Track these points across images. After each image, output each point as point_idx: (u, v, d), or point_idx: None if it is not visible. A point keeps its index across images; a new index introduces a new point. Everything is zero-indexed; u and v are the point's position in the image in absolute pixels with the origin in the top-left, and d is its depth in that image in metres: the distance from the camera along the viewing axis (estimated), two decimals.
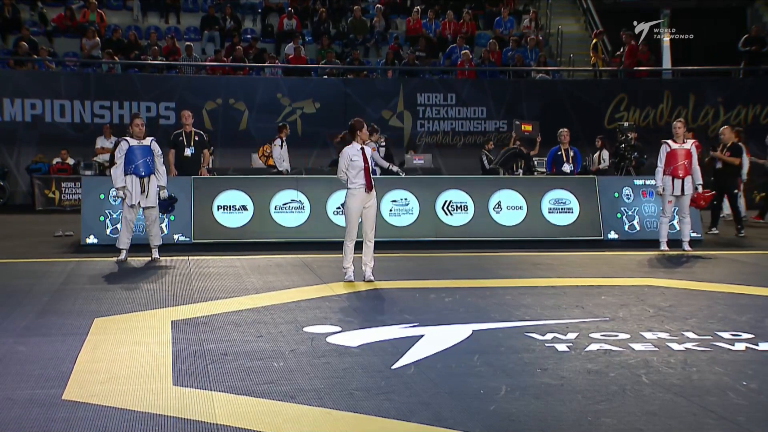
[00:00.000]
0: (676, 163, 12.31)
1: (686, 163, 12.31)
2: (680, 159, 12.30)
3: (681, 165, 12.30)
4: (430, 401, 5.37)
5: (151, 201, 11.34)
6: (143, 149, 11.25)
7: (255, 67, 21.43)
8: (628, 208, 13.90)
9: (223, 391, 5.57)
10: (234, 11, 23.03)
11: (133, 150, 11.19)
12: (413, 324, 7.49)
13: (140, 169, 11.19)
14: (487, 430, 4.84)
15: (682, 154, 12.32)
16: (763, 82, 21.86)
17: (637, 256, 12.19)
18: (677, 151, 12.34)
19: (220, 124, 19.76)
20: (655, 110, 20.82)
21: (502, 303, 8.67)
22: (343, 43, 22.49)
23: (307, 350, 6.64)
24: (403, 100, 20.62)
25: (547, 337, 7.05)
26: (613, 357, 6.45)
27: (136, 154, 11.19)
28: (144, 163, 11.21)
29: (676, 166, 12.31)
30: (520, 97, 20.81)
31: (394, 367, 6.13)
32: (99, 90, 19.82)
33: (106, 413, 5.12)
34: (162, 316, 7.94)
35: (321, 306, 8.40)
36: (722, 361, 6.36)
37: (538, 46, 22.34)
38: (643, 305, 8.45)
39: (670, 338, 7.00)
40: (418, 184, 14.20)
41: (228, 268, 10.92)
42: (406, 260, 11.96)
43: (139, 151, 11.22)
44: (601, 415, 5.13)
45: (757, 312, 8.19)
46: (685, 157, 12.31)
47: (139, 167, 11.18)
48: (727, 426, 4.96)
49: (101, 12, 22.30)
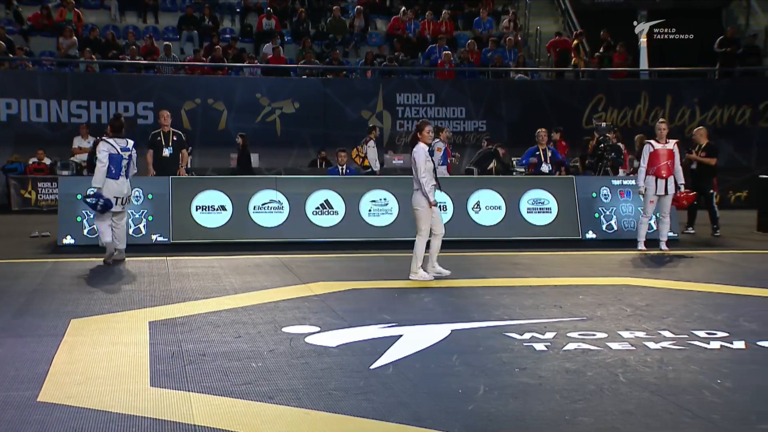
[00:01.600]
0: (659, 163, 12.34)
1: (669, 163, 12.35)
2: (663, 159, 12.34)
3: (664, 165, 12.33)
4: (409, 401, 5.38)
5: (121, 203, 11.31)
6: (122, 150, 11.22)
7: (234, 67, 21.37)
8: (605, 208, 13.97)
9: (200, 391, 5.55)
10: (212, 11, 22.95)
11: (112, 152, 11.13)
12: (392, 324, 7.49)
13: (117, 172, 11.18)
14: (466, 429, 4.85)
15: (665, 154, 12.36)
16: (738, 83, 22.05)
17: (615, 256, 12.26)
18: (660, 152, 12.37)
19: (198, 124, 19.68)
20: (632, 110, 20.94)
21: (480, 303, 8.69)
22: (323, 43, 22.47)
23: (285, 350, 6.63)
24: (383, 100, 20.63)
25: (525, 337, 7.08)
26: (590, 356, 6.48)
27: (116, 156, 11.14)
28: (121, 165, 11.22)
29: (659, 166, 12.33)
30: (499, 97, 20.88)
31: (373, 367, 6.14)
32: (76, 89, 19.68)
33: (83, 414, 5.09)
34: (140, 317, 7.90)
35: (300, 306, 8.39)
36: (698, 359, 6.41)
37: (516, 46, 22.42)
38: (620, 304, 8.50)
39: (647, 337, 7.04)
40: (397, 184, 14.19)
41: (206, 268, 10.87)
42: (385, 260, 11.96)
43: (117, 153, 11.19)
44: (579, 414, 5.16)
45: (732, 311, 8.25)
46: (668, 157, 12.35)
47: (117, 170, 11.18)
48: (703, 424, 5.00)
49: (78, 11, 22.14)
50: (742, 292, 9.36)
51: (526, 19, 23.93)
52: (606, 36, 22.19)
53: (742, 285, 9.80)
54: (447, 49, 21.70)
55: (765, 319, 7.90)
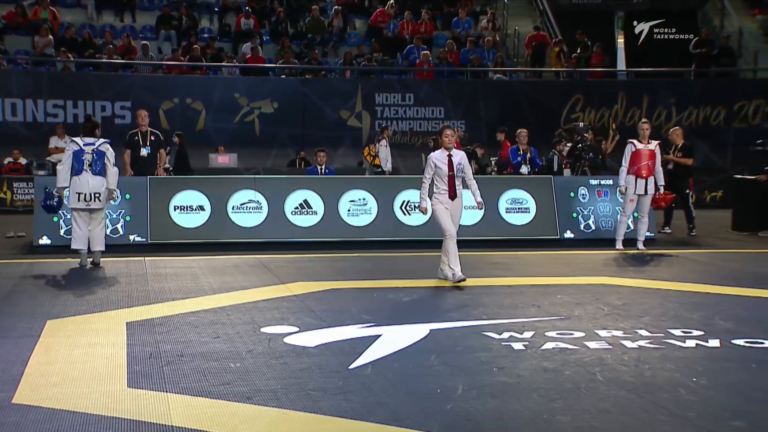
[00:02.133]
0: (640, 163, 12.39)
1: (650, 163, 12.40)
2: (644, 159, 12.39)
3: (645, 165, 12.38)
4: (388, 401, 5.38)
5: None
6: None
7: (212, 67, 21.29)
8: (583, 207, 14.04)
9: (178, 392, 5.53)
10: (190, 10, 22.84)
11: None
12: (371, 324, 7.49)
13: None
14: (445, 429, 4.86)
15: (647, 155, 12.41)
16: (714, 83, 22.24)
17: (593, 256, 12.32)
18: (642, 151, 12.43)
19: (177, 124, 19.57)
20: (610, 111, 21.05)
21: (459, 302, 8.71)
22: (302, 43, 22.43)
23: (264, 351, 6.61)
24: (362, 100, 20.63)
25: (503, 336, 7.10)
26: (568, 355, 6.51)
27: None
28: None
29: (640, 166, 12.38)
30: (478, 97, 20.93)
31: (352, 367, 6.13)
32: (52, 89, 19.53)
33: (59, 416, 5.05)
34: (117, 318, 7.85)
35: (279, 306, 8.37)
36: (674, 358, 6.45)
37: (495, 46, 22.48)
38: (598, 304, 8.54)
39: (624, 336, 7.08)
40: (376, 183, 14.22)
41: (185, 268, 10.83)
42: (364, 260, 11.96)
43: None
44: (557, 412, 5.18)
45: (707, 309, 8.32)
46: (649, 157, 12.41)
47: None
48: (679, 422, 5.04)
49: (54, 9, 21.94)
50: (718, 291, 9.44)
51: (504, 19, 24.00)
52: (583, 37, 22.30)
53: (718, 284, 9.88)
54: (425, 48, 21.73)
55: (739, 317, 7.97)
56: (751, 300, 9.00)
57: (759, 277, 10.63)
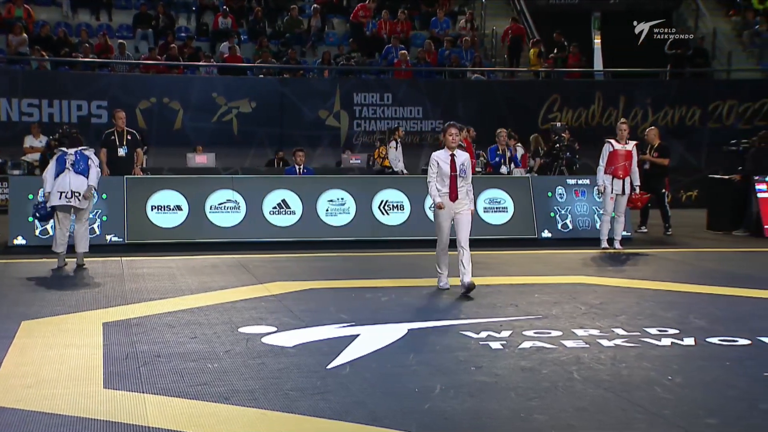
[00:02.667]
0: (617, 164, 12.35)
1: (627, 164, 12.37)
2: (621, 160, 12.36)
3: (622, 166, 12.35)
4: (366, 400, 5.38)
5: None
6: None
7: (190, 66, 21.17)
8: (561, 207, 14.09)
9: (155, 393, 5.50)
10: (168, 9, 22.70)
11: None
12: (349, 324, 7.49)
13: None
14: (423, 428, 4.87)
15: (624, 155, 12.38)
16: (689, 84, 22.40)
17: (570, 255, 12.37)
18: (619, 152, 12.38)
19: (154, 124, 19.46)
20: (587, 111, 21.16)
21: (437, 302, 8.73)
22: (280, 42, 22.37)
23: (242, 351, 6.59)
24: (340, 100, 20.60)
25: (481, 336, 7.11)
26: (545, 354, 6.53)
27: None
28: None
29: (617, 166, 12.35)
30: (456, 97, 20.96)
31: (330, 367, 6.12)
32: (27, 88, 19.34)
33: (33, 418, 5.01)
34: (93, 318, 7.80)
35: (257, 306, 8.34)
36: (650, 356, 6.50)
37: (473, 46, 22.53)
38: (575, 303, 8.58)
39: (601, 335, 7.12)
40: (354, 183, 14.19)
41: (162, 268, 10.77)
42: (342, 260, 11.95)
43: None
44: (534, 411, 5.20)
45: (682, 308, 8.39)
46: (626, 158, 12.37)
47: None
48: (654, 420, 5.07)
49: (28, 8, 21.71)
50: (693, 290, 9.52)
51: (482, 19, 24.05)
52: (560, 37, 22.40)
53: (693, 283, 9.96)
54: (403, 48, 21.74)
55: (714, 316, 8.04)
56: (725, 299, 9.08)
57: (733, 276, 10.73)
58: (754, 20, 23.69)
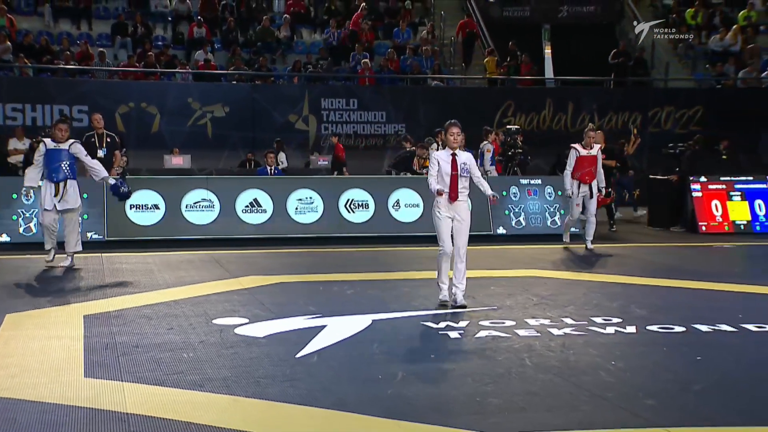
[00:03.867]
0: (583, 169, 12.12)
1: (592, 169, 12.15)
2: (587, 165, 12.13)
3: (588, 171, 12.12)
4: (332, 387, 5.37)
5: (68, 204, 10.38)
6: (59, 153, 10.32)
7: (166, 73, 20.98)
8: (515, 205, 14.17)
9: (134, 381, 5.45)
10: (145, 19, 22.48)
11: (49, 153, 10.33)
12: (317, 315, 7.47)
13: (52, 174, 10.32)
14: (385, 413, 4.87)
15: (589, 160, 12.15)
16: (631, 91, 22.64)
17: (524, 250, 12.46)
18: (585, 158, 12.12)
19: (132, 127, 19.25)
20: (538, 116, 21.27)
21: (400, 294, 8.74)
22: (252, 50, 22.24)
23: (216, 341, 6.55)
24: (308, 105, 20.51)
25: (441, 326, 7.14)
26: (500, 342, 6.57)
27: (52, 158, 10.33)
28: (58, 167, 10.30)
29: (583, 172, 12.12)
30: (418, 102, 20.97)
31: (299, 356, 6.11)
32: (11, 93, 19.03)
33: (17, 406, 4.95)
34: (74, 311, 7.71)
35: (230, 299, 8.30)
36: (595, 343, 6.56)
37: (433, 55, 22.59)
38: (527, 294, 8.64)
39: (551, 324, 7.18)
40: (322, 183, 14.18)
41: (140, 264, 10.67)
42: (310, 255, 11.93)
43: (54, 155, 10.33)
44: (489, 396, 5.23)
45: (625, 299, 8.49)
46: (591, 163, 12.15)
47: (52, 172, 10.32)
48: (598, 402, 5.13)
49: (11, 17, 21.36)
50: (634, 282, 9.63)
51: (441, 30, 24.09)
52: (513, 47, 22.53)
53: (635, 275, 10.07)
54: (367, 57, 21.75)
55: (653, 305, 8.13)
56: (664, 290, 9.20)
57: (670, 268, 10.87)
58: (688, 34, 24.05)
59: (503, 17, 24.12)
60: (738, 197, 14.78)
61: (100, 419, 4.73)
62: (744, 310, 7.79)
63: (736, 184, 14.92)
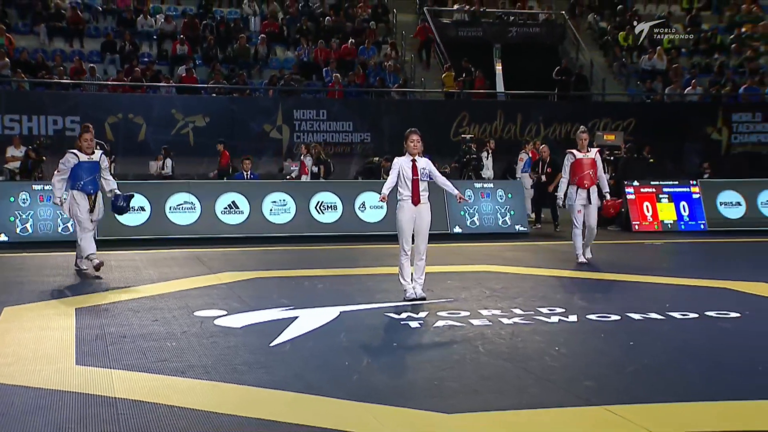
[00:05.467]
0: (581, 173, 10.44)
1: (591, 172, 10.44)
2: (585, 169, 10.43)
3: (587, 175, 10.43)
4: (303, 374, 5.36)
5: (100, 215, 9.55)
6: (91, 166, 9.24)
7: (152, 86, 20.78)
8: (469, 207, 14.20)
9: (121, 368, 5.39)
10: (132, 37, 22.25)
11: (81, 165, 9.16)
12: (289, 307, 7.44)
13: (88, 187, 9.22)
14: (351, 396, 4.86)
15: (588, 164, 10.44)
16: (573, 105, 22.87)
17: (478, 248, 12.51)
18: (583, 161, 10.46)
19: (120, 136, 19.02)
20: (490, 126, 21.37)
21: (365, 288, 8.72)
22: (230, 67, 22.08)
23: (197, 332, 6.50)
24: (282, 116, 20.42)
25: (402, 316, 7.15)
26: (456, 331, 6.59)
27: (84, 170, 9.19)
28: (93, 180, 9.26)
29: (581, 176, 10.43)
30: (381, 114, 20.98)
31: (272, 345, 6.08)
32: (9, 105, 18.74)
33: (13, 391, 4.87)
34: (67, 305, 7.60)
35: (210, 293, 8.23)
36: (541, 331, 6.61)
37: (395, 71, 22.63)
38: (480, 288, 8.67)
39: (502, 314, 7.21)
40: (294, 187, 14.16)
41: (128, 261, 10.54)
42: (284, 253, 11.88)
43: (87, 167, 9.20)
44: (445, 380, 5.24)
45: (568, 291, 8.58)
46: (590, 166, 10.45)
47: (87, 184, 9.21)
48: (544, 384, 5.17)
49: (10, 36, 21.05)
50: (576, 276, 9.73)
51: (402, 48, 24.14)
52: (467, 64, 22.64)
53: (576, 270, 10.16)
54: (336, 71, 21.73)
55: (592, 297, 8.24)
56: (602, 282, 9.32)
57: (608, 263, 10.96)
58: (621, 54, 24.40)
59: (458, 37, 24.25)
60: (666, 199, 15.00)
61: (91, 403, 4.67)
62: (671, 300, 7.89)
63: (664, 187, 15.13)
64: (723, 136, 21.87)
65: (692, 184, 15.27)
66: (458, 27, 24.39)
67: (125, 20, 22.87)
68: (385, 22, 25.01)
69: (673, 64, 23.74)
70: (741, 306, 7.53)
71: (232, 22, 23.52)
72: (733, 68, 24.24)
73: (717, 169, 18.52)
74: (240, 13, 24.28)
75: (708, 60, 24.77)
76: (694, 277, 9.26)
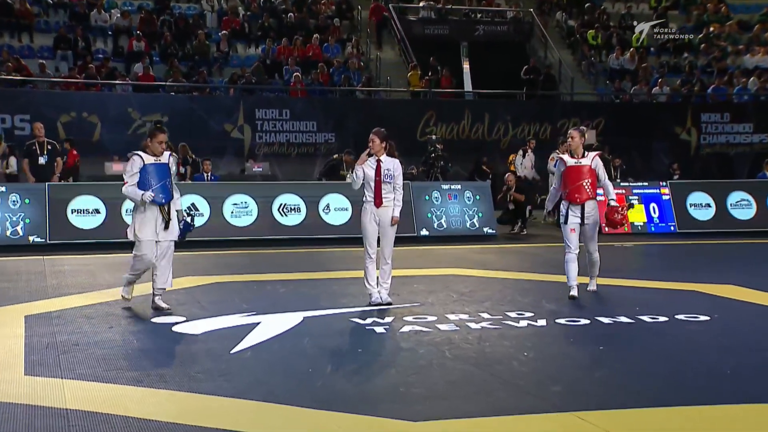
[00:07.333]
0: (574, 184, 8.22)
1: (586, 183, 8.21)
2: (579, 179, 8.22)
3: (578, 186, 8.20)
4: (265, 380, 5.32)
5: (171, 234, 7.67)
6: (162, 169, 7.51)
7: (107, 84, 20.49)
8: (436, 209, 14.25)
9: (73, 378, 5.30)
10: (86, 33, 21.91)
11: (146, 169, 7.46)
12: (251, 313, 7.39)
13: (159, 195, 7.45)
14: (315, 403, 4.84)
15: (583, 172, 8.24)
16: (541, 104, 23.04)
17: (445, 250, 12.54)
18: (574, 169, 8.26)
19: (74, 135, 18.67)
20: (458, 125, 21.46)
21: (330, 292, 8.70)
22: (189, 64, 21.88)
23: (154, 339, 6.42)
24: (244, 115, 20.27)
25: (367, 321, 7.14)
26: (422, 336, 6.60)
27: (153, 175, 7.46)
28: (164, 187, 7.49)
29: (573, 188, 8.22)
30: (346, 113, 20.95)
31: (233, 352, 6.03)
32: None
33: None
34: (16, 312, 7.45)
35: (168, 299, 8.09)
36: (509, 336, 6.65)
37: (360, 69, 22.62)
38: (448, 291, 8.70)
39: (469, 319, 7.23)
40: (256, 189, 14.05)
41: (82, 266, 10.38)
42: (245, 256, 11.79)
43: (154, 171, 7.47)
44: (412, 386, 5.25)
45: (536, 294, 8.62)
46: (586, 175, 8.23)
47: (159, 192, 7.45)
48: (511, 388, 5.20)
49: None
50: (545, 279, 9.78)
51: (367, 46, 24.13)
52: (434, 62, 22.71)
53: (545, 272, 10.22)
54: (298, 70, 21.65)
55: (561, 300, 8.26)
56: None
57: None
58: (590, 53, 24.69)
59: (425, 35, 24.29)
60: (635, 201, 15.20)
61: (40, 415, 4.58)
62: (640, 303, 7.99)
63: (634, 189, 15.34)
64: (692, 137, 22.23)
65: (662, 185, 15.50)
66: (424, 25, 24.46)
67: (78, 15, 22.53)
68: (349, 19, 24.99)
69: (642, 64, 24.08)
70: (711, 309, 7.66)
71: (191, 18, 23.33)
72: (701, 68, 24.67)
73: (686, 170, 18.82)
74: (199, 8, 24.10)
75: (677, 60, 25.18)
76: (663, 280, 9.39)
